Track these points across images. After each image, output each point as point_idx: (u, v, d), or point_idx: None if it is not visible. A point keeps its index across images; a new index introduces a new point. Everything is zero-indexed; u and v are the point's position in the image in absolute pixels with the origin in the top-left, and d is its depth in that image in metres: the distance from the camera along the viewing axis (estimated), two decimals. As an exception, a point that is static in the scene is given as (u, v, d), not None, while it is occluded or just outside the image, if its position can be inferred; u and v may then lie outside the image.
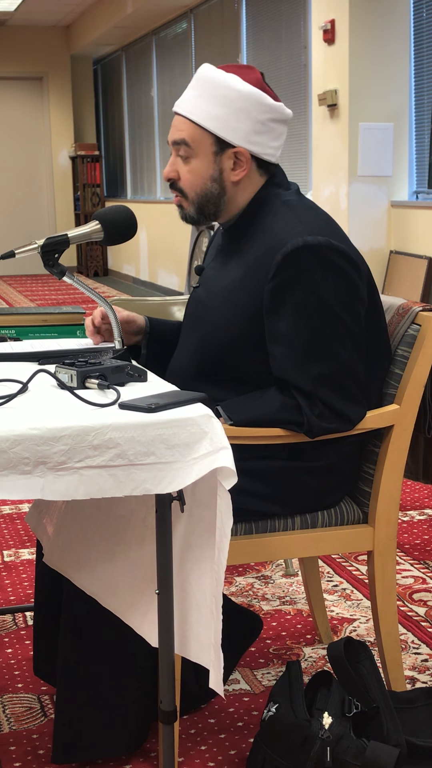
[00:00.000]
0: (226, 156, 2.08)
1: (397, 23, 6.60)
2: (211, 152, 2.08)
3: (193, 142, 2.08)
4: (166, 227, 10.75)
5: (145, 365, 2.28)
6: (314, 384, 2.02)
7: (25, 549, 3.34)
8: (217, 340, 2.10)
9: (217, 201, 2.11)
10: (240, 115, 2.05)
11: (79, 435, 1.64)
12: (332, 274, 2.00)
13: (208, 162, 2.09)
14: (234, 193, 2.12)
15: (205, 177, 2.10)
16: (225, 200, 2.12)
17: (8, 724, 2.27)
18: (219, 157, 2.08)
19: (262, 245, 2.05)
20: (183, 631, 1.89)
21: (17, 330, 2.38)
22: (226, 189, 2.11)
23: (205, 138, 2.07)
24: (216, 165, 2.09)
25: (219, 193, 2.11)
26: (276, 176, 2.13)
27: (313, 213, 2.07)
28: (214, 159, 2.08)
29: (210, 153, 2.08)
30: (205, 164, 2.09)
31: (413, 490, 3.87)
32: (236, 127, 2.05)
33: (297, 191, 2.14)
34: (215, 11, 9.63)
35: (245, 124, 2.05)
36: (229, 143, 2.06)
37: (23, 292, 11.61)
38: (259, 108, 2.05)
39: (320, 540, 2.17)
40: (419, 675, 2.46)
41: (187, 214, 2.15)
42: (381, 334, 2.14)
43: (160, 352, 2.31)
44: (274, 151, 2.10)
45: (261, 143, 2.07)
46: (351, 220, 6.73)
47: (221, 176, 2.09)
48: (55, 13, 12.48)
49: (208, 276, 2.21)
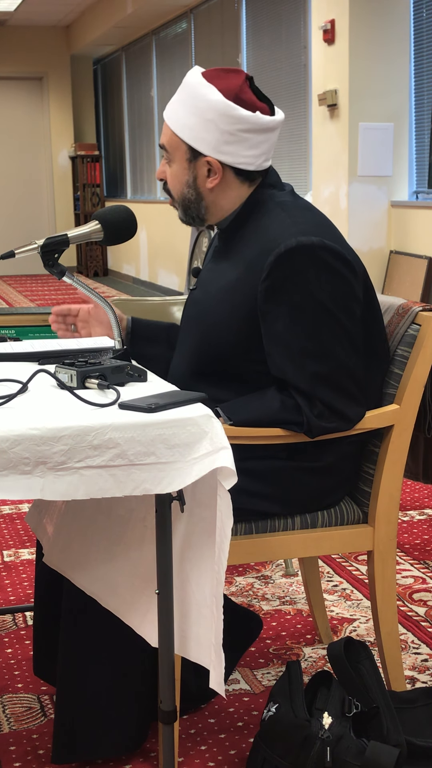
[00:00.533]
0: (199, 164, 2.09)
1: (397, 23, 6.60)
2: (185, 159, 2.10)
3: (170, 147, 2.12)
4: (166, 227, 10.75)
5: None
6: (312, 384, 2.02)
7: (25, 549, 3.34)
8: (215, 341, 2.11)
9: (197, 206, 2.13)
10: (208, 126, 2.04)
11: (79, 435, 1.64)
12: (326, 273, 2.00)
13: (183, 168, 2.11)
14: (213, 199, 2.12)
15: (182, 182, 2.12)
16: (204, 205, 2.13)
17: (8, 724, 2.27)
18: (193, 164, 2.09)
19: (257, 246, 2.05)
20: (183, 631, 1.89)
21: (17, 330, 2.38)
22: (202, 195, 2.12)
23: (180, 145, 2.09)
24: (191, 172, 2.10)
25: (196, 198, 2.12)
26: (270, 177, 2.13)
27: (307, 213, 2.08)
28: (189, 166, 2.10)
29: (185, 160, 2.10)
30: (181, 170, 2.11)
31: (413, 490, 3.87)
32: (204, 137, 2.05)
33: (291, 192, 2.14)
34: (215, 11, 9.63)
35: (213, 135, 2.05)
36: (200, 152, 2.07)
37: (23, 292, 11.61)
38: (226, 120, 2.03)
39: (320, 540, 2.17)
40: (419, 675, 2.46)
41: (178, 215, 2.19)
42: (378, 334, 2.14)
43: (144, 350, 2.31)
44: (251, 159, 2.07)
45: (232, 153, 2.06)
46: (351, 220, 6.73)
47: (196, 183, 2.11)
48: (55, 13, 12.48)
49: (204, 278, 2.22)
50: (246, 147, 2.06)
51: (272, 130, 2.07)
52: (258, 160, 2.08)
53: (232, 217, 2.14)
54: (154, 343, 2.33)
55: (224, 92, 2.03)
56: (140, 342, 2.32)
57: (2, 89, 13.80)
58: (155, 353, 2.31)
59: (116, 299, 3.11)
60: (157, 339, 2.33)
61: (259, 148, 2.07)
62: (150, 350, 2.32)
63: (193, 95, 2.05)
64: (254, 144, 2.06)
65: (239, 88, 2.05)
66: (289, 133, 8.15)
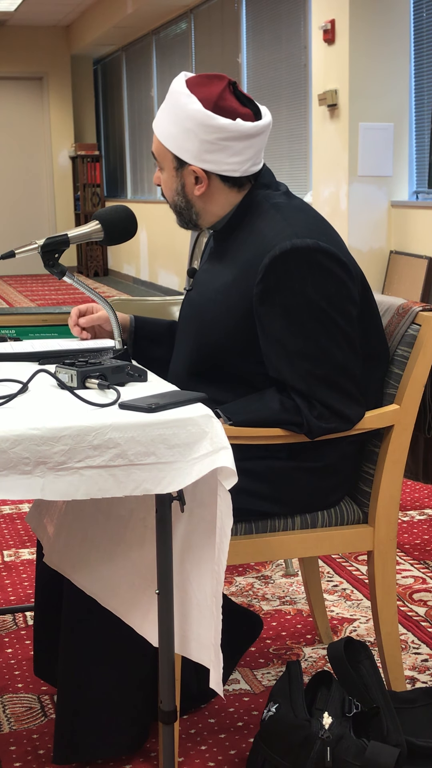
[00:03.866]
0: (186, 172, 2.09)
1: (397, 23, 6.60)
2: (173, 167, 2.11)
3: (158, 156, 2.13)
4: (166, 227, 10.75)
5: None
6: (310, 385, 2.02)
7: (25, 549, 3.34)
8: (211, 342, 2.11)
9: (188, 212, 2.14)
10: (188, 135, 2.04)
11: (79, 435, 1.64)
12: (321, 275, 2.00)
13: (172, 176, 2.12)
14: (203, 205, 2.13)
15: (172, 189, 2.13)
16: (195, 211, 2.13)
17: (8, 724, 2.27)
18: (180, 172, 2.10)
19: (252, 248, 2.05)
20: (183, 631, 1.89)
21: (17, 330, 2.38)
22: (192, 202, 2.12)
23: (166, 153, 2.10)
24: (178, 179, 2.11)
25: (186, 205, 2.13)
26: (263, 177, 2.13)
27: (302, 214, 2.07)
28: (176, 174, 2.11)
29: (172, 168, 2.11)
30: (170, 178, 2.12)
31: (413, 490, 3.87)
32: (186, 147, 2.06)
33: (286, 192, 2.14)
34: (215, 11, 9.63)
35: (193, 144, 2.05)
36: (184, 161, 2.08)
37: (23, 292, 11.61)
38: (205, 129, 2.03)
39: (320, 540, 2.18)
40: (419, 675, 2.46)
41: (175, 219, 2.20)
42: (377, 334, 2.14)
43: (147, 350, 2.31)
44: (236, 166, 2.06)
45: (215, 161, 2.06)
46: (351, 220, 6.73)
47: (184, 190, 2.11)
48: (55, 13, 12.48)
49: (200, 279, 2.22)
50: (228, 155, 2.05)
51: (255, 136, 2.05)
52: (243, 166, 2.07)
53: (227, 219, 2.14)
54: (157, 345, 2.33)
55: (204, 101, 2.03)
56: (143, 342, 2.32)
57: (2, 89, 13.80)
58: (158, 355, 2.31)
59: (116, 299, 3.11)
60: (160, 340, 2.34)
61: (242, 154, 2.06)
62: (153, 352, 2.32)
63: (175, 104, 2.06)
64: (237, 151, 2.05)
65: (219, 96, 2.04)
66: (289, 133, 8.15)
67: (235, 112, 2.05)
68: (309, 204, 2.15)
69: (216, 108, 2.03)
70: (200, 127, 2.02)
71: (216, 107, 2.03)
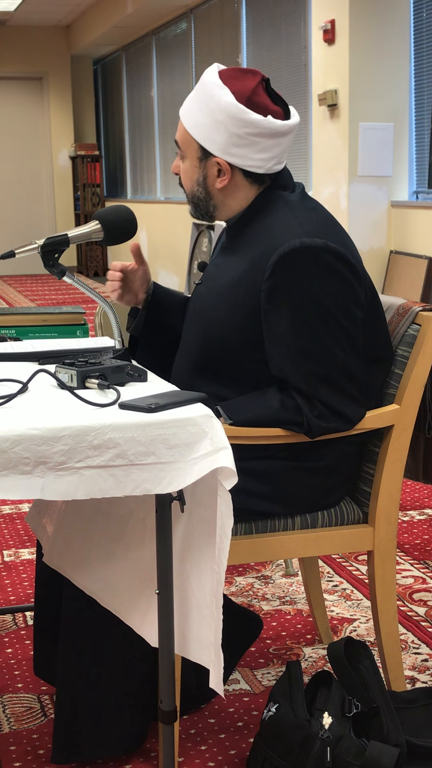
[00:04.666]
0: (210, 163, 2.09)
1: (397, 23, 6.60)
2: (196, 157, 2.10)
3: (183, 144, 2.12)
4: (166, 227, 10.75)
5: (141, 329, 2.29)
6: (312, 384, 2.02)
7: (25, 549, 3.34)
8: (217, 336, 2.11)
9: (206, 204, 2.14)
10: (218, 127, 2.04)
11: (79, 435, 1.64)
12: (328, 275, 2.00)
13: (194, 166, 2.12)
14: (222, 198, 2.13)
15: (192, 180, 2.13)
16: (213, 204, 2.13)
17: (8, 724, 2.27)
18: (203, 163, 2.10)
19: (262, 245, 2.05)
20: (183, 631, 1.89)
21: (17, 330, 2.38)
22: (211, 194, 2.12)
23: (192, 143, 2.10)
24: (201, 170, 2.11)
25: (205, 197, 2.13)
26: (281, 178, 2.13)
27: (313, 214, 2.07)
28: (200, 164, 2.10)
29: (196, 158, 2.11)
30: (192, 168, 2.12)
31: (413, 490, 3.87)
32: (214, 138, 2.06)
33: (302, 192, 2.14)
34: (215, 11, 9.63)
35: (222, 137, 2.05)
36: (210, 152, 2.07)
37: (23, 292, 11.61)
38: (236, 123, 2.03)
39: (320, 540, 2.18)
40: (419, 675, 2.46)
41: (189, 209, 2.20)
42: (382, 336, 2.14)
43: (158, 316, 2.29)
44: (261, 162, 2.07)
45: (242, 155, 2.06)
46: (351, 220, 6.73)
47: (206, 182, 2.11)
48: (55, 13, 12.48)
49: (210, 273, 2.22)
50: (255, 150, 2.05)
51: (284, 134, 2.06)
52: (268, 163, 2.08)
53: (241, 214, 2.14)
54: (167, 314, 2.31)
55: (237, 94, 2.03)
56: (156, 308, 2.31)
57: (2, 89, 13.79)
58: (168, 323, 2.30)
59: (116, 299, 3.11)
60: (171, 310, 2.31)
61: (269, 152, 2.06)
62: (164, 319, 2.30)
63: (206, 94, 2.05)
64: (264, 148, 2.06)
65: (252, 91, 2.05)
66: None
67: (267, 108, 2.05)
68: (322, 205, 2.15)
69: (249, 102, 2.03)
70: (231, 119, 2.02)
71: (249, 102, 2.03)
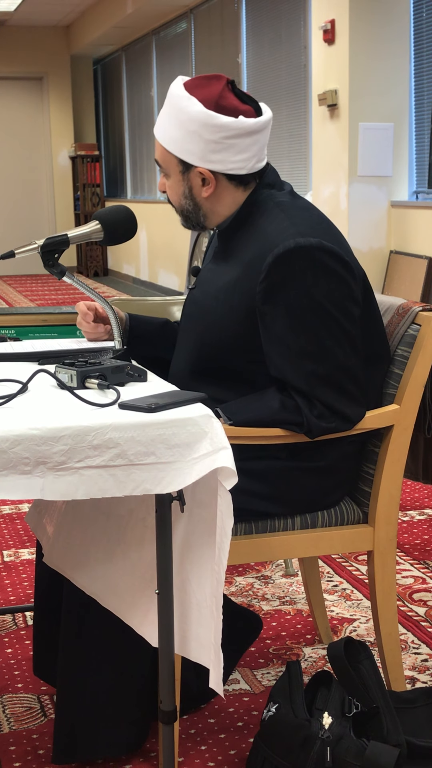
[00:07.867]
0: (192, 174, 2.09)
1: (397, 23, 6.60)
2: (178, 171, 2.11)
3: (163, 162, 2.13)
4: (166, 227, 10.75)
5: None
6: (311, 384, 2.02)
7: (25, 549, 3.34)
8: (213, 340, 2.11)
9: (196, 215, 2.14)
10: (193, 137, 2.05)
11: (79, 435, 1.64)
12: (324, 274, 2.00)
13: (178, 181, 2.12)
14: (210, 207, 2.13)
15: (178, 194, 2.13)
16: (203, 213, 2.14)
17: (8, 724, 2.27)
18: (186, 175, 2.10)
19: (255, 247, 2.05)
20: (183, 631, 1.89)
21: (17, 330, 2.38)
22: (200, 204, 2.12)
23: (171, 159, 2.10)
24: (185, 183, 2.11)
25: (194, 208, 2.13)
26: (267, 177, 2.13)
27: (305, 213, 2.08)
28: (182, 178, 2.11)
29: (178, 172, 2.11)
30: (177, 182, 2.12)
31: (413, 490, 3.87)
32: (191, 149, 2.06)
33: (291, 191, 2.15)
34: (215, 11, 9.63)
35: (198, 146, 2.05)
36: (190, 164, 2.07)
37: (23, 292, 11.61)
38: (209, 129, 2.03)
39: (320, 540, 2.18)
40: (419, 675, 2.46)
41: (180, 221, 2.20)
42: (378, 334, 2.14)
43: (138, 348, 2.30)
44: (242, 163, 2.07)
45: (221, 160, 2.06)
46: (351, 220, 6.73)
47: (192, 193, 2.11)
48: (55, 13, 12.48)
49: (203, 277, 2.22)
50: (234, 153, 2.06)
51: (259, 131, 2.06)
52: (249, 163, 2.08)
53: (231, 218, 2.14)
54: (149, 344, 2.32)
55: (205, 102, 2.03)
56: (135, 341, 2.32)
57: (2, 89, 13.80)
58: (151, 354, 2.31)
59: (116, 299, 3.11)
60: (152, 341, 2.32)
61: (248, 151, 2.07)
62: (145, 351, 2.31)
63: (175, 107, 2.06)
64: (242, 148, 2.06)
65: (219, 95, 2.05)
66: (289, 133, 8.15)
67: (237, 109, 2.05)
68: (312, 204, 2.15)
69: (217, 107, 2.03)
70: (204, 127, 2.03)
71: (217, 106, 2.04)
